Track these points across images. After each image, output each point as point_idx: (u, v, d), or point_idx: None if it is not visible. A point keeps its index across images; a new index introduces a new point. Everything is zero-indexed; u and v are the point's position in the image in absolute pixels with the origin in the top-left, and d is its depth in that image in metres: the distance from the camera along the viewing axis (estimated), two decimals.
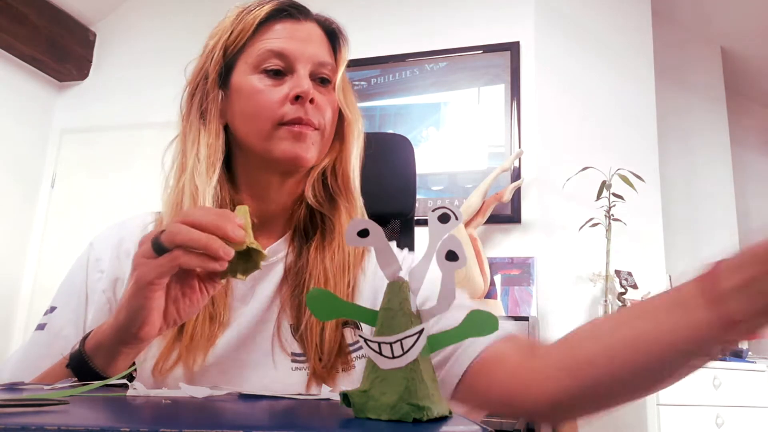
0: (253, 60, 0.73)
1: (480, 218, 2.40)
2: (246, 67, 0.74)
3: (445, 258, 0.35)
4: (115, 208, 3.07)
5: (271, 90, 0.72)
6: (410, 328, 0.34)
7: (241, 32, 0.75)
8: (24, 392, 0.43)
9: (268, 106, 0.71)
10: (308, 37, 0.75)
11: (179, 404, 0.38)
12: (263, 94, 0.72)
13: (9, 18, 2.93)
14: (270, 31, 0.75)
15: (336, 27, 0.80)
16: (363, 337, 0.34)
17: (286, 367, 0.68)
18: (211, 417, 0.34)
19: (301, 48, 0.73)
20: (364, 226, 0.37)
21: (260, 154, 0.73)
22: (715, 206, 3.43)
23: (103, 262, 0.74)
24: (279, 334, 0.70)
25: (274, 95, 0.72)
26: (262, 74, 0.73)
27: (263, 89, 0.72)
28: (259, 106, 0.72)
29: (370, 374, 0.35)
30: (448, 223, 0.36)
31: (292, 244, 0.77)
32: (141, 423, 0.27)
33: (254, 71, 0.73)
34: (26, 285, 3.22)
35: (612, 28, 2.89)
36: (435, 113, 2.76)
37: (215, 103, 0.75)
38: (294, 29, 0.75)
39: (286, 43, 0.73)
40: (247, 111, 0.73)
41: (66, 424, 0.25)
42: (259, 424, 0.31)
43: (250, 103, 0.72)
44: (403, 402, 0.33)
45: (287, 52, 0.73)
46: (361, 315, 0.37)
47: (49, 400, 0.33)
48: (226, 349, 0.68)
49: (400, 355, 0.34)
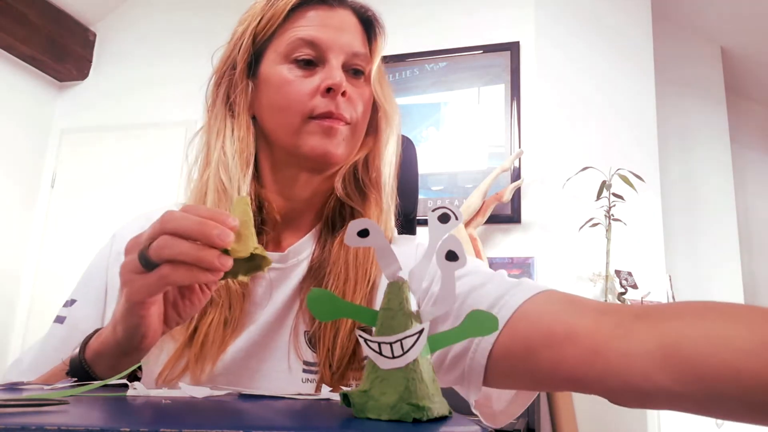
0: (284, 48, 0.69)
1: (480, 218, 2.40)
2: (276, 56, 0.70)
3: (445, 258, 0.35)
4: (115, 208, 3.07)
5: (301, 81, 0.68)
6: (410, 328, 0.34)
7: (271, 18, 0.70)
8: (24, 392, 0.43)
9: (298, 98, 0.67)
10: (342, 25, 0.71)
11: (179, 404, 0.38)
12: (293, 86, 0.67)
13: (9, 18, 2.93)
14: (302, 18, 0.70)
15: (372, 15, 0.75)
16: (363, 337, 0.34)
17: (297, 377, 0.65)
18: (211, 417, 0.34)
19: (334, 37, 0.69)
20: (364, 226, 0.37)
21: (288, 149, 0.69)
22: (715, 206, 3.43)
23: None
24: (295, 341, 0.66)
25: (304, 87, 0.67)
26: (292, 64, 0.69)
27: (293, 80, 0.68)
28: (289, 99, 0.67)
29: (370, 374, 0.35)
30: (448, 223, 0.36)
31: (319, 241, 0.72)
32: (141, 423, 0.27)
33: (284, 61, 0.69)
34: (26, 285, 3.22)
35: (612, 28, 2.89)
36: (435, 113, 2.76)
37: (244, 94, 0.71)
38: (327, 17, 0.70)
39: (318, 31, 0.69)
40: (275, 103, 0.69)
41: (66, 424, 0.25)
42: (259, 424, 0.31)
43: (279, 95, 0.68)
44: (403, 402, 0.33)
45: (319, 41, 0.68)
46: (361, 315, 0.37)
47: (48, 400, 0.33)
48: (235, 358, 0.65)
49: (400, 355, 0.34)
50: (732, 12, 3.34)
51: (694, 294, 3.11)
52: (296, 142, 0.68)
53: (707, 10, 3.38)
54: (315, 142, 0.67)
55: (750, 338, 0.43)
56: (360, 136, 0.73)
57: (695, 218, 3.38)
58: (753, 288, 3.60)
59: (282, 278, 0.69)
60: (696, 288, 3.19)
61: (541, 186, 2.56)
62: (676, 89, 3.45)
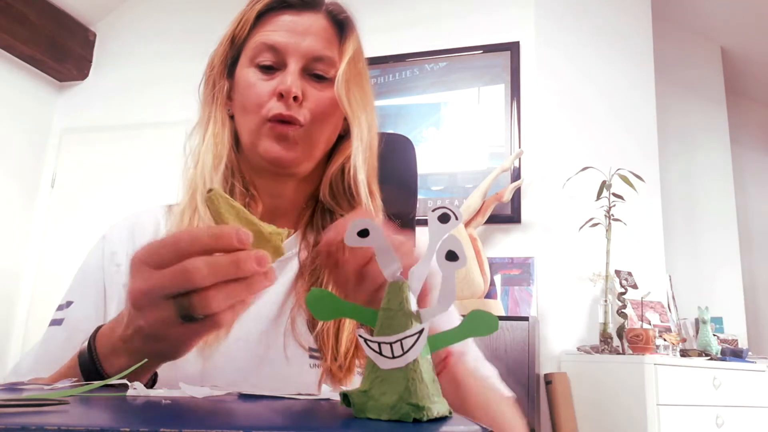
0: (250, 53, 0.72)
1: (480, 218, 2.40)
2: (245, 60, 0.73)
3: (445, 258, 0.35)
4: (115, 208, 3.07)
5: (261, 85, 0.71)
6: (410, 328, 0.34)
7: (245, 23, 0.74)
8: (24, 392, 0.43)
9: (257, 101, 0.70)
10: (307, 30, 0.72)
11: (179, 404, 0.38)
12: (254, 89, 0.71)
13: (9, 18, 2.93)
14: (270, 23, 0.73)
15: (345, 17, 0.76)
16: (363, 337, 0.34)
17: (302, 362, 0.67)
18: (211, 417, 0.34)
19: (295, 41, 0.71)
20: (364, 226, 0.37)
21: (249, 149, 0.72)
22: (715, 206, 3.43)
23: (118, 256, 0.73)
24: (294, 330, 0.68)
25: (263, 90, 0.70)
26: (256, 68, 0.72)
27: (255, 83, 0.71)
28: (250, 101, 0.70)
29: (370, 374, 0.35)
30: (448, 223, 0.36)
31: (305, 240, 0.75)
32: (141, 423, 0.27)
33: (250, 64, 0.72)
34: (26, 285, 3.22)
35: (612, 28, 2.89)
36: (435, 113, 2.76)
37: (222, 93, 0.75)
38: (294, 21, 0.72)
39: (281, 36, 0.71)
40: (240, 105, 0.72)
41: (66, 424, 0.25)
42: (259, 424, 0.31)
43: (243, 97, 0.72)
44: (403, 402, 0.33)
45: (280, 46, 0.71)
46: (360, 315, 0.37)
47: (48, 400, 0.33)
48: (238, 344, 0.67)
49: (400, 355, 0.33)
50: (732, 12, 3.34)
51: (694, 294, 3.11)
52: (254, 142, 0.71)
53: (707, 11, 3.38)
54: (267, 145, 0.70)
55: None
56: (318, 139, 0.73)
57: (695, 218, 3.38)
58: (753, 288, 3.60)
59: (278, 271, 0.72)
60: (696, 288, 3.19)
61: (541, 186, 2.56)
62: (676, 89, 3.45)
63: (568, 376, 2.25)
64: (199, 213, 0.69)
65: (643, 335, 2.16)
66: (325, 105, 0.72)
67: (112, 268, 0.73)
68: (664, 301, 2.65)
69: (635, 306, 2.44)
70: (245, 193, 0.73)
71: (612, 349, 2.27)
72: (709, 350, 2.37)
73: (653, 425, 1.98)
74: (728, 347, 2.42)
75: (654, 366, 2.03)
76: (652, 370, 2.03)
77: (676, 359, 2.16)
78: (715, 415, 2.10)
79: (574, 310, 2.49)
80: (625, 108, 2.81)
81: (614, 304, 2.39)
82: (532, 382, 2.00)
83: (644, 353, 2.11)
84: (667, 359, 2.11)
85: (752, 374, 2.26)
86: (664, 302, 2.64)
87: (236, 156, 0.74)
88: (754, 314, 3.50)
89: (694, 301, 2.85)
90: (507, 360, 2.03)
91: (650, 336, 2.16)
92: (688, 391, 2.09)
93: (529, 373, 2.00)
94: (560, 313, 2.45)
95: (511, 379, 0.75)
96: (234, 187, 0.72)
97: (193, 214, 0.70)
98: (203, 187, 0.69)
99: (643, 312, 2.41)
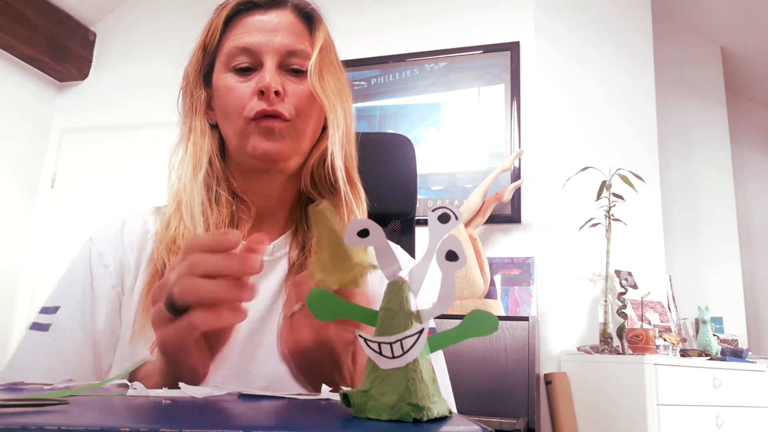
0: (224, 58, 0.73)
1: (480, 218, 2.40)
2: (220, 66, 0.74)
3: (445, 258, 0.35)
4: (115, 208, 3.07)
5: (240, 87, 0.71)
6: (410, 328, 0.34)
7: (214, 31, 0.74)
8: (24, 392, 0.43)
9: (239, 103, 0.70)
10: (277, 27, 0.73)
11: (179, 404, 0.38)
12: (233, 92, 0.71)
13: (9, 18, 2.93)
14: (239, 26, 0.73)
15: (311, 9, 0.77)
16: (363, 337, 0.34)
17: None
18: (211, 417, 0.34)
19: (267, 40, 0.71)
20: (364, 226, 0.37)
21: (238, 151, 0.73)
22: (715, 206, 3.43)
23: (106, 256, 0.73)
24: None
25: (243, 91, 0.71)
26: (233, 72, 0.72)
27: (233, 86, 0.71)
28: (231, 105, 0.71)
29: (370, 374, 0.35)
30: (448, 223, 0.36)
31: (296, 239, 0.76)
32: (141, 423, 0.27)
33: (226, 69, 0.73)
34: (26, 285, 3.22)
35: (612, 28, 2.89)
36: (435, 113, 2.76)
37: (200, 102, 0.76)
38: (262, 21, 0.73)
39: (253, 36, 0.72)
40: (222, 110, 0.73)
41: (66, 424, 0.25)
42: (259, 424, 0.31)
43: (224, 102, 0.72)
44: (403, 402, 0.33)
45: (253, 47, 0.71)
46: (360, 315, 0.37)
47: (48, 400, 0.33)
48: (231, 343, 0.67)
49: (400, 355, 0.33)
50: (732, 12, 3.34)
51: (694, 294, 3.12)
52: (242, 143, 0.71)
53: (707, 11, 3.39)
54: (255, 142, 0.70)
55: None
56: (304, 132, 0.73)
57: (695, 218, 3.38)
58: (753, 288, 3.60)
59: (268, 271, 0.73)
60: (696, 288, 3.20)
61: (541, 186, 2.56)
62: (676, 89, 3.45)
63: (568, 376, 2.25)
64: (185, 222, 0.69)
65: (643, 335, 2.16)
66: (306, 98, 0.72)
67: (100, 269, 0.72)
68: (664, 301, 2.65)
69: (635, 306, 2.44)
70: (232, 201, 0.73)
71: (612, 349, 2.27)
72: (709, 350, 2.37)
73: (653, 425, 1.98)
74: (728, 347, 2.42)
75: (654, 366, 2.03)
76: (652, 370, 2.03)
77: (676, 359, 2.16)
78: (715, 415, 2.10)
79: (574, 310, 2.49)
80: (625, 108, 2.81)
81: (614, 304, 2.39)
82: (532, 382, 2.00)
83: (644, 353, 2.11)
84: (667, 359, 2.11)
85: (752, 374, 2.26)
86: (664, 302, 2.64)
87: (221, 164, 0.75)
88: (754, 314, 3.50)
89: (694, 301, 2.86)
90: (507, 360, 2.03)
91: (650, 336, 2.16)
92: (688, 391, 2.09)
93: (529, 373, 2.00)
94: (560, 313, 2.45)
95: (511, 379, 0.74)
96: (219, 196, 0.72)
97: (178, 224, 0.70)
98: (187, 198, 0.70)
99: (643, 312, 2.41)
